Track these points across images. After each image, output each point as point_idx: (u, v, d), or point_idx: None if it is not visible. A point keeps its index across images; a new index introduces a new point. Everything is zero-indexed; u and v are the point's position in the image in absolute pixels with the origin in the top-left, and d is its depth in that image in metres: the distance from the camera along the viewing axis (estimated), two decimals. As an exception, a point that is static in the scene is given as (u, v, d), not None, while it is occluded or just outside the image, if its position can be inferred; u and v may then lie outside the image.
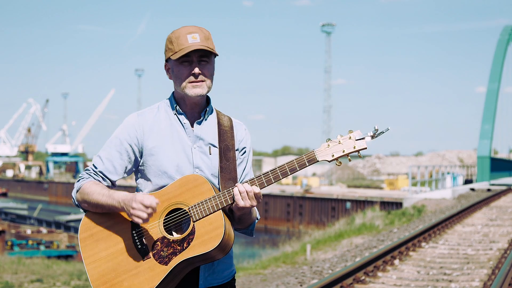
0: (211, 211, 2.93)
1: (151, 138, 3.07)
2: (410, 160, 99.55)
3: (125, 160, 3.10)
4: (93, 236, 3.05)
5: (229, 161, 3.10)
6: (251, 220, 3.10)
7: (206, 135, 3.11)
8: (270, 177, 2.97)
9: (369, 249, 13.80)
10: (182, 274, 2.98)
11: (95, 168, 3.10)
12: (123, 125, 3.13)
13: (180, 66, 3.04)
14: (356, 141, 2.90)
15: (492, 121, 45.21)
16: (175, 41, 3.03)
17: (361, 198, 40.40)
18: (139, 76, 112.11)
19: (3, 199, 70.99)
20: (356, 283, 9.37)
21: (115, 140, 3.10)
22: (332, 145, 2.92)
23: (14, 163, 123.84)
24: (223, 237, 2.89)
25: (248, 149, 3.23)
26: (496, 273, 10.16)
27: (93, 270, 3.02)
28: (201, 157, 3.08)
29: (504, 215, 20.81)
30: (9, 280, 14.35)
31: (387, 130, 2.85)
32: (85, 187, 3.06)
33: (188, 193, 2.97)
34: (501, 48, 47.03)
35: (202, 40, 3.03)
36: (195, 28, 3.06)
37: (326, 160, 2.90)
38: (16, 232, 36.76)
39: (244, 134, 3.21)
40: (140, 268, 2.96)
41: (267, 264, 14.28)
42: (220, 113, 3.20)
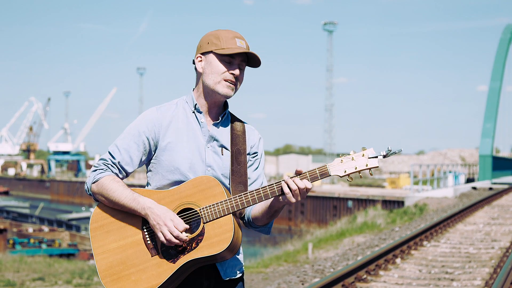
0: (221, 214, 2.98)
1: (168, 134, 3.12)
2: (412, 158, 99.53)
3: (141, 152, 3.13)
4: (104, 227, 3.09)
5: (240, 165, 3.16)
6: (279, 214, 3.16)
7: (220, 136, 3.17)
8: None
9: (371, 247, 13.79)
10: (187, 272, 3.02)
11: (113, 159, 3.13)
12: (143, 117, 3.16)
13: (221, 62, 3.10)
14: (369, 159, 2.95)
15: (494, 120, 45.18)
16: (223, 39, 3.11)
17: (363, 197, 40.37)
18: (141, 75, 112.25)
19: (5, 197, 71.06)
20: (357, 281, 9.36)
21: (134, 131, 3.14)
22: (346, 160, 2.96)
23: (16, 161, 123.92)
24: (231, 241, 2.94)
25: (260, 154, 3.29)
26: (498, 271, 10.15)
27: (102, 261, 3.06)
28: (213, 157, 3.14)
29: (506, 213, 20.79)
30: (11, 278, 14.36)
31: (400, 151, 2.90)
32: (105, 182, 3.08)
33: (200, 194, 3.02)
34: (503, 46, 46.98)
35: (247, 48, 3.14)
36: (241, 35, 3.16)
37: (338, 175, 2.96)
38: (18, 230, 36.82)
39: (256, 140, 3.28)
40: (148, 264, 3.00)
41: (268, 262, 14.28)
42: (234, 117, 3.27)
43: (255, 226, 3.21)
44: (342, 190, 48.64)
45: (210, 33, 3.17)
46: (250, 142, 3.25)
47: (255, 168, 3.26)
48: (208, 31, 3.21)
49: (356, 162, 2.96)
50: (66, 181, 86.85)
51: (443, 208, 23.91)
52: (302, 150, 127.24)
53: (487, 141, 44.36)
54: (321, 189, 50.98)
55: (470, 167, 53.57)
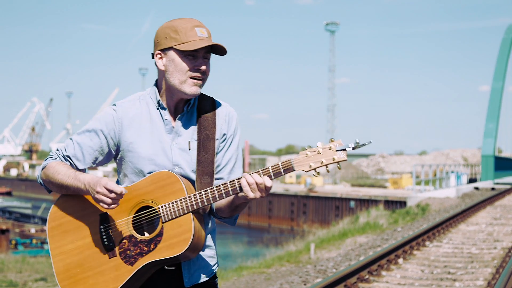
0: (181, 213, 2.80)
1: (129, 134, 2.94)
2: (414, 159, 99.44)
3: (97, 150, 2.97)
4: (61, 226, 2.95)
5: (208, 152, 2.92)
6: (243, 209, 2.97)
7: (186, 130, 2.94)
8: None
9: (373, 248, 13.78)
10: (147, 274, 2.89)
11: (65, 152, 2.99)
12: (103, 115, 2.98)
13: (184, 59, 2.87)
14: (336, 152, 2.75)
15: (496, 120, 45.14)
16: (181, 31, 2.86)
17: (365, 197, 40.34)
18: (143, 75, 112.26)
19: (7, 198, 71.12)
20: (360, 282, 9.35)
21: (91, 128, 2.97)
22: (311, 154, 2.76)
23: (18, 162, 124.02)
24: (191, 242, 2.78)
25: (229, 135, 3.00)
26: (500, 272, 10.14)
27: (59, 262, 2.94)
28: (180, 154, 2.92)
29: (508, 214, 20.77)
30: (13, 279, 14.37)
31: (369, 143, 2.70)
32: (50, 165, 2.96)
33: (159, 191, 2.84)
34: (505, 47, 46.93)
35: (209, 36, 2.89)
36: (200, 22, 2.91)
37: (303, 171, 2.76)
38: (20, 231, 36.81)
39: (225, 119, 3.00)
40: (105, 266, 2.87)
41: (271, 263, 14.27)
42: (203, 97, 3.01)
43: (219, 217, 3.01)
44: (344, 191, 48.62)
45: (166, 26, 2.91)
46: (218, 125, 2.97)
47: (224, 152, 2.99)
48: (164, 23, 2.95)
49: (322, 156, 2.76)
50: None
51: (445, 209, 23.89)
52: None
53: (490, 141, 44.32)
54: (323, 189, 50.96)
55: (472, 167, 53.55)
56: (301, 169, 2.75)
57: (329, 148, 2.75)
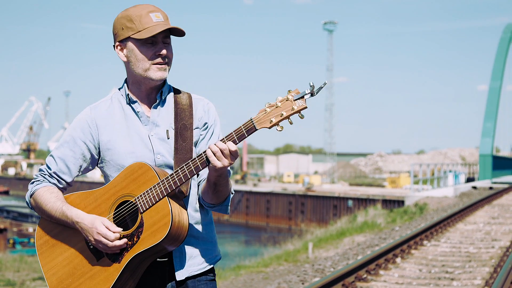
0: (156, 199, 2.75)
1: (106, 132, 2.91)
2: (412, 158, 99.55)
3: (79, 159, 2.94)
4: (48, 242, 2.95)
5: (186, 141, 2.90)
6: (227, 189, 2.88)
7: (162, 119, 2.92)
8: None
9: (371, 247, 13.79)
10: (141, 268, 2.84)
11: (49, 169, 2.95)
12: (76, 121, 2.96)
13: (143, 47, 2.83)
14: (294, 101, 2.66)
15: (494, 119, 45.21)
16: (136, 20, 2.82)
17: (363, 196, 40.36)
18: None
19: (5, 197, 71.04)
20: (358, 281, 9.36)
21: (68, 138, 2.94)
22: (270, 110, 2.69)
23: (16, 161, 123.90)
24: (171, 225, 2.71)
25: (211, 124, 2.99)
26: (498, 271, 10.15)
27: (52, 277, 2.92)
28: (160, 143, 2.90)
29: (506, 213, 20.80)
30: (11, 278, 14.37)
31: (325, 84, 2.63)
32: (38, 194, 2.93)
33: (134, 184, 2.81)
34: (503, 46, 47.01)
35: (165, 20, 2.86)
36: (154, 6, 2.87)
37: (265, 127, 2.68)
38: (18, 230, 36.82)
39: (204, 109, 2.99)
40: (95, 270, 2.85)
41: (269, 262, 14.28)
42: (178, 91, 3.00)
43: (209, 206, 2.93)
44: (342, 190, 48.66)
45: (121, 15, 2.87)
46: (197, 114, 2.96)
47: (207, 140, 2.98)
48: (120, 12, 2.91)
49: (281, 109, 2.67)
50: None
51: (443, 208, 23.91)
52: (302, 150, 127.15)
53: (487, 140, 44.40)
54: (321, 188, 51.01)
55: (470, 167, 53.58)
56: (263, 126, 2.69)
57: (286, 99, 2.68)
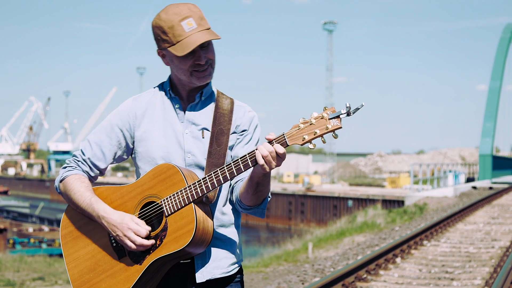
0: (182, 204, 2.72)
1: (143, 124, 2.91)
2: (412, 158, 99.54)
3: (115, 145, 2.93)
4: (72, 233, 2.94)
5: (220, 146, 2.86)
6: (267, 189, 2.81)
7: (199, 119, 2.90)
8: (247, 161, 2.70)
9: (371, 247, 13.79)
10: (162, 271, 2.81)
11: (83, 155, 2.93)
12: (117, 109, 2.97)
13: (181, 58, 2.80)
14: (329, 120, 2.58)
15: (494, 119, 45.20)
16: (169, 32, 2.78)
17: (363, 196, 40.36)
18: (141, 74, 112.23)
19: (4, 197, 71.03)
20: (357, 281, 9.36)
21: (106, 124, 2.94)
22: (304, 126, 2.61)
23: (16, 161, 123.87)
24: (194, 233, 2.68)
25: (250, 131, 2.94)
26: (498, 271, 10.15)
27: (74, 269, 2.91)
28: (193, 142, 2.87)
29: (506, 213, 20.79)
30: (11, 278, 14.36)
31: (362, 106, 2.56)
32: (68, 181, 2.91)
33: (161, 185, 2.79)
34: (503, 46, 47.00)
35: (198, 25, 2.79)
36: (186, 9, 2.81)
37: (297, 144, 2.61)
38: (18, 230, 36.74)
39: (244, 117, 2.94)
40: (116, 268, 2.83)
41: (268, 262, 14.27)
42: (221, 95, 2.97)
43: (246, 207, 2.86)
44: (342, 190, 48.65)
45: (155, 24, 2.84)
46: (237, 121, 2.92)
47: (245, 143, 2.93)
48: (154, 17, 2.87)
49: (315, 126, 2.59)
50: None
51: (443, 208, 23.91)
52: (302, 150, 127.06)
53: (487, 140, 44.39)
54: (321, 188, 50.99)
55: (470, 167, 53.56)
56: (295, 143, 2.63)
57: (321, 117, 2.60)
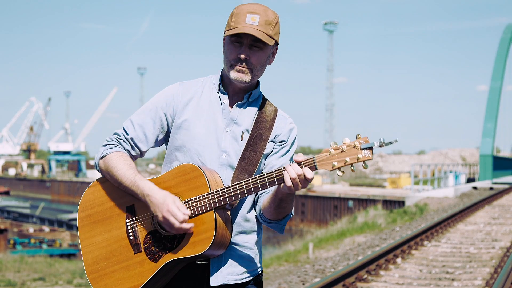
0: (203, 210, 2.72)
1: (186, 111, 2.87)
2: (413, 158, 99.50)
3: (158, 129, 2.89)
4: (91, 217, 2.92)
5: (256, 151, 2.82)
6: (290, 207, 2.79)
7: (242, 120, 2.87)
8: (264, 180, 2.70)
9: (372, 247, 13.79)
10: (174, 270, 2.83)
11: (126, 134, 2.90)
12: (163, 92, 2.93)
13: (230, 45, 2.81)
14: (361, 150, 2.57)
15: (495, 120, 45.17)
16: (234, 17, 2.79)
17: (364, 197, 40.34)
18: (142, 75, 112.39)
19: (5, 197, 71.05)
20: (358, 281, 9.35)
21: (151, 106, 2.90)
22: (334, 152, 2.60)
23: (17, 161, 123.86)
24: (213, 241, 2.69)
25: (289, 143, 2.92)
26: (498, 271, 10.15)
27: (88, 254, 2.92)
28: (231, 142, 2.84)
29: (506, 213, 20.79)
30: (12, 278, 14.37)
31: (396, 141, 2.51)
32: (110, 158, 2.86)
33: (183, 185, 2.77)
34: (504, 46, 46.97)
35: (260, 24, 2.78)
36: (259, 8, 2.81)
37: (326, 169, 2.60)
38: (19, 230, 36.75)
39: (285, 128, 2.92)
40: (131, 261, 2.83)
41: (269, 262, 14.27)
42: (268, 102, 2.95)
43: (266, 220, 2.85)
44: (342, 190, 48.63)
45: (233, 10, 2.86)
46: (277, 130, 2.89)
47: (281, 155, 2.91)
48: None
49: (346, 154, 2.59)
50: (66, 181, 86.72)
51: (443, 208, 23.91)
52: (303, 150, 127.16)
53: (488, 140, 44.34)
54: (321, 189, 50.96)
55: (470, 167, 53.56)
56: (324, 168, 2.61)
57: (353, 146, 2.59)
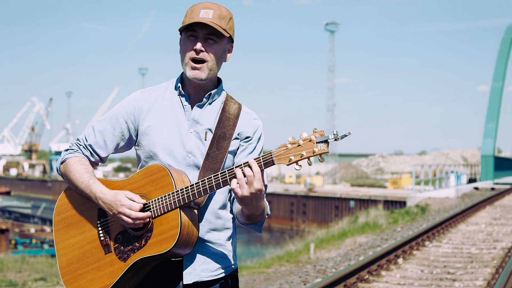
0: (169, 208, 2.76)
1: (149, 117, 2.92)
2: (414, 159, 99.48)
3: (118, 136, 2.96)
4: (65, 220, 2.99)
5: (220, 150, 2.87)
6: (262, 215, 2.86)
7: (205, 119, 2.91)
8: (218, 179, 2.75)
9: (373, 248, 13.78)
10: (145, 269, 2.86)
11: (86, 141, 2.98)
12: (124, 100, 3.00)
13: (186, 41, 2.85)
14: (316, 144, 2.64)
15: (496, 120, 45.16)
16: (188, 14, 2.85)
17: (365, 197, 40.35)
18: (143, 75, 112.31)
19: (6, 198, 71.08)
20: (359, 282, 9.35)
21: (112, 114, 2.98)
22: (291, 147, 2.66)
23: (18, 161, 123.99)
24: (178, 238, 2.73)
25: (254, 139, 2.96)
26: (500, 272, 10.14)
27: (63, 256, 2.97)
28: (196, 142, 2.88)
29: (508, 214, 20.77)
30: (13, 278, 14.37)
31: (349, 133, 2.59)
32: (69, 163, 2.95)
33: (151, 185, 2.83)
34: (505, 47, 46.96)
35: (214, 18, 2.82)
36: (213, 5, 2.86)
37: (283, 164, 2.66)
38: (20, 230, 36.78)
39: (249, 124, 2.95)
40: (102, 262, 2.88)
41: (270, 263, 14.26)
42: (230, 99, 2.98)
43: (243, 224, 2.93)
44: (344, 191, 48.64)
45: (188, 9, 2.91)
46: (240, 128, 2.92)
47: (248, 152, 2.94)
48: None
49: (303, 148, 2.64)
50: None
51: (445, 209, 23.89)
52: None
53: (489, 141, 44.33)
54: (323, 189, 50.98)
55: (472, 167, 53.57)
56: (281, 163, 2.67)
57: (309, 140, 2.65)
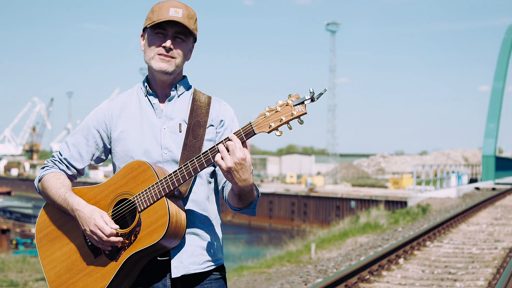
0: (154, 199, 2.76)
1: (119, 123, 2.94)
2: (415, 159, 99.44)
3: (92, 147, 2.98)
4: (48, 235, 2.98)
5: (197, 138, 2.89)
6: (253, 196, 2.85)
7: (177, 113, 2.94)
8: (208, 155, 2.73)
9: (374, 248, 13.78)
10: (138, 267, 2.85)
11: (60, 155, 3.00)
12: (93, 111, 3.02)
13: (153, 36, 2.89)
14: (294, 107, 2.66)
15: (497, 120, 45.14)
16: (156, 11, 2.88)
17: (366, 197, 40.35)
18: (144, 75, 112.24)
19: (7, 198, 71.08)
20: (360, 282, 9.35)
21: (83, 126, 3.00)
22: (269, 114, 2.67)
23: (19, 162, 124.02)
24: (168, 226, 2.72)
25: (227, 121, 2.98)
26: (501, 272, 10.14)
27: (50, 271, 2.95)
28: (170, 137, 2.90)
29: (509, 214, 20.76)
30: (14, 278, 14.39)
31: (325, 90, 2.63)
32: (45, 179, 2.97)
33: (132, 182, 2.82)
34: (506, 47, 46.94)
35: (184, 17, 2.87)
36: (181, 4, 2.91)
37: (264, 132, 2.67)
38: (21, 231, 36.79)
39: (220, 109, 2.99)
40: (92, 266, 2.86)
41: (271, 263, 14.27)
42: (198, 91, 3.03)
43: (235, 209, 2.91)
44: (345, 191, 48.64)
45: (152, 7, 2.95)
46: (213, 114, 2.96)
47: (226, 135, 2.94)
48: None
49: (281, 113, 2.66)
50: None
51: (446, 209, 23.88)
52: (305, 151, 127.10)
53: (490, 141, 44.32)
54: (324, 189, 50.99)
55: (473, 167, 53.54)
56: (262, 131, 2.68)
57: (286, 104, 2.67)
